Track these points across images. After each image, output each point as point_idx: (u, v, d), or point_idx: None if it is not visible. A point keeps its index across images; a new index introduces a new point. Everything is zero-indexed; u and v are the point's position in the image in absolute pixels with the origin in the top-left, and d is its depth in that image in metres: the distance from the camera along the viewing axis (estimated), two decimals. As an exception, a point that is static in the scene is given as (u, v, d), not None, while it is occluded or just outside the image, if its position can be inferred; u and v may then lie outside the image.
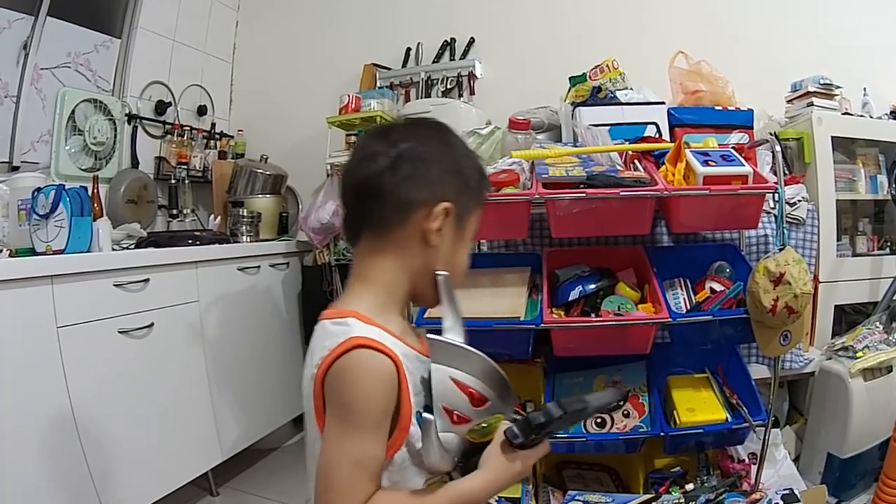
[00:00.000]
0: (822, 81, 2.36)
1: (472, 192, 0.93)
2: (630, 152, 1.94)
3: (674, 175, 1.83)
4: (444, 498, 0.83)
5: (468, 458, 0.88)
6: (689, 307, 1.87)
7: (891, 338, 2.11)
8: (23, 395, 1.70)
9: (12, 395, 1.67)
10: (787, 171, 2.25)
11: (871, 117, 2.48)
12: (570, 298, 1.86)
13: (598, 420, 1.89)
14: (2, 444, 1.64)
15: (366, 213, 0.89)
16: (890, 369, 2.07)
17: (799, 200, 2.19)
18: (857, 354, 2.07)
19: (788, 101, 2.46)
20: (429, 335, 0.86)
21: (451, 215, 0.89)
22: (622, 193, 1.71)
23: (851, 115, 2.44)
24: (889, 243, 2.48)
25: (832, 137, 2.29)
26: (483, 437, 0.87)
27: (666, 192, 1.74)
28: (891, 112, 2.53)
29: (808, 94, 2.35)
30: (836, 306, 2.32)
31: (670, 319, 1.73)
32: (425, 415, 0.82)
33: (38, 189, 2.01)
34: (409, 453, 0.85)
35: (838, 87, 2.40)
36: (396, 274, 0.90)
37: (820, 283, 2.25)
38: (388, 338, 0.84)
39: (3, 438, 1.64)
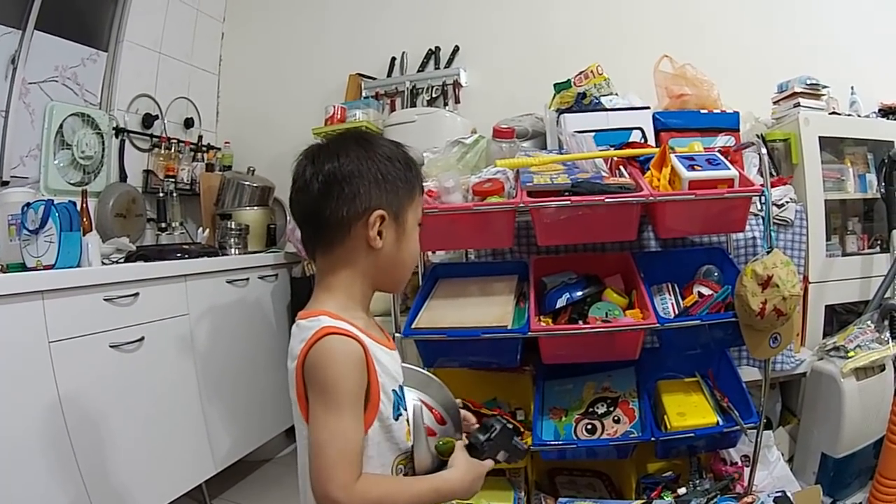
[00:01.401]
0: (808, 82, 2.36)
1: (400, 191, 1.01)
2: (615, 158, 1.93)
3: (659, 180, 1.83)
4: (427, 485, 0.95)
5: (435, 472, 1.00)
6: (677, 312, 1.87)
7: (882, 336, 2.10)
8: (16, 410, 1.70)
9: (5, 409, 1.66)
10: (774, 173, 2.25)
11: (859, 116, 2.48)
12: (558, 306, 1.86)
13: (589, 426, 1.89)
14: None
15: (313, 236, 1.01)
16: (882, 368, 2.06)
17: (787, 202, 2.18)
18: (849, 354, 2.06)
19: (775, 103, 2.46)
20: (403, 364, 1.04)
21: (387, 218, 0.98)
22: (607, 200, 1.71)
23: (839, 114, 2.44)
24: (879, 242, 2.48)
25: (820, 137, 2.29)
26: (443, 454, 1.01)
27: (651, 198, 1.73)
28: (879, 110, 2.53)
29: (795, 94, 2.36)
30: (826, 306, 2.32)
31: (658, 325, 1.72)
32: (415, 404, 0.98)
33: (28, 204, 2.01)
34: (381, 428, 0.95)
35: (825, 87, 2.40)
36: (353, 280, 1.00)
37: (810, 283, 2.25)
38: (355, 329, 0.94)
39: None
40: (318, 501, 0.87)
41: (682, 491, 1.90)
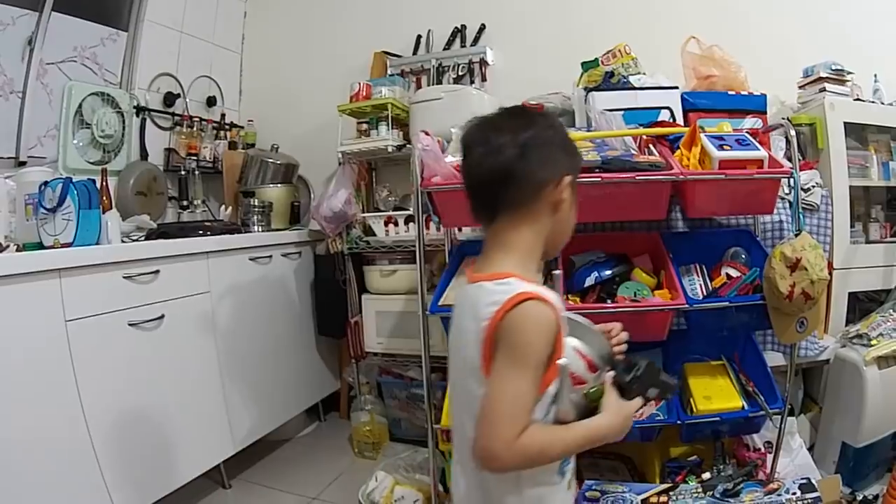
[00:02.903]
0: (833, 67, 2.34)
1: (578, 160, 1.11)
2: (644, 137, 1.92)
3: (689, 160, 1.83)
4: (580, 431, 1.00)
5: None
6: (705, 293, 1.86)
7: (905, 325, 2.09)
8: (32, 389, 1.69)
9: (22, 389, 1.66)
10: (800, 157, 2.24)
11: (883, 104, 2.46)
12: (586, 285, 1.85)
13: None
14: (12, 438, 1.63)
15: (501, 196, 1.03)
16: (904, 358, 2.05)
17: (813, 186, 2.17)
18: (872, 342, 2.06)
19: (800, 87, 2.44)
20: (566, 314, 1.04)
21: (572, 184, 1.06)
22: (638, 178, 1.70)
23: (863, 101, 2.42)
24: (902, 231, 2.46)
25: (844, 123, 2.27)
26: (594, 401, 1.05)
27: (682, 177, 1.72)
28: (901, 99, 2.51)
29: (820, 79, 2.34)
30: (849, 293, 2.30)
31: (687, 305, 1.72)
32: (560, 361, 0.99)
33: (45, 183, 2.00)
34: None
35: (850, 73, 2.38)
36: (533, 240, 1.05)
37: (834, 269, 2.23)
38: (546, 292, 0.98)
39: (13, 432, 1.63)
40: (479, 455, 0.94)
41: (706, 476, 1.89)
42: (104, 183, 2.42)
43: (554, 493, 1.06)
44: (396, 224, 2.64)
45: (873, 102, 2.45)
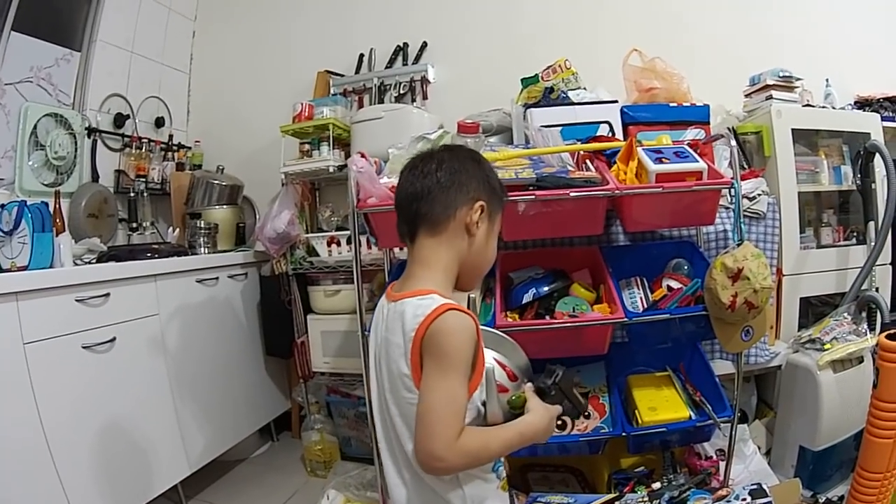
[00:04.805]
0: (781, 74, 2.36)
1: (497, 197, 1.19)
2: (582, 152, 1.92)
3: (626, 174, 1.82)
4: (513, 428, 1.08)
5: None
6: (645, 306, 1.86)
7: (860, 328, 2.10)
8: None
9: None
10: (746, 166, 2.24)
11: (834, 108, 2.48)
12: (524, 301, 1.85)
13: (559, 422, 1.87)
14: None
15: (420, 212, 1.13)
16: (861, 360, 2.06)
17: (758, 194, 2.17)
18: (826, 346, 2.06)
19: (747, 96, 2.45)
20: (483, 327, 1.13)
21: (485, 212, 1.15)
22: (572, 194, 1.70)
23: (813, 106, 2.43)
24: (855, 234, 2.47)
25: (793, 130, 2.28)
26: (516, 409, 1.13)
27: (617, 192, 1.73)
28: (855, 102, 2.52)
29: (767, 87, 2.35)
30: (801, 298, 2.32)
31: (626, 319, 1.71)
32: (488, 364, 1.10)
33: (2, 206, 2.01)
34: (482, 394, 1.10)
35: (798, 80, 2.39)
36: (449, 257, 1.14)
37: (784, 275, 2.24)
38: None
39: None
40: (423, 458, 0.99)
41: (656, 486, 1.89)
42: (57, 205, 2.41)
43: (490, 488, 1.13)
44: (339, 244, 2.63)
45: (824, 107, 2.47)
